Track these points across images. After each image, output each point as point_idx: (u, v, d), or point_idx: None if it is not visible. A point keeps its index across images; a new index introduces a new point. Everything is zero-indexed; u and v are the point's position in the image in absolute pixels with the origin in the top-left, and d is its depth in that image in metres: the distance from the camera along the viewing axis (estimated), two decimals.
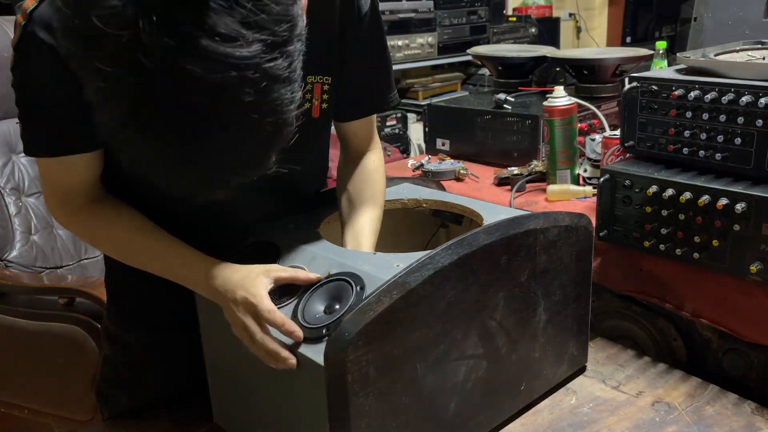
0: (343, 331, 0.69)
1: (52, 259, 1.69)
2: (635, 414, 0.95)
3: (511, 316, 0.87)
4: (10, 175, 1.69)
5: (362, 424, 0.72)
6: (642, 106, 1.13)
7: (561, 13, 4.96)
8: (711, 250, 1.04)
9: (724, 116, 1.03)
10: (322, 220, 0.98)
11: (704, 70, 1.09)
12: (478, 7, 4.17)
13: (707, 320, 1.11)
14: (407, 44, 3.81)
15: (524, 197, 1.46)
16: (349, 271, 0.78)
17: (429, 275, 0.74)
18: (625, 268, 1.19)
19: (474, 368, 0.84)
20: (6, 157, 1.70)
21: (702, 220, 1.04)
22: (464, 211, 1.02)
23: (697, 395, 0.99)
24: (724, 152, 1.04)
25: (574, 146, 1.43)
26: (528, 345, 0.92)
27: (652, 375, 1.05)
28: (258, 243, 0.91)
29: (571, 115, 1.41)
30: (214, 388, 0.95)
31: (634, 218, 1.13)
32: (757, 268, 0.99)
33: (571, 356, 1.01)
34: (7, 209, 1.65)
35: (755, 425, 0.92)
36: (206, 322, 0.92)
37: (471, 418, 0.86)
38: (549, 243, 0.90)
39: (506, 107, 1.68)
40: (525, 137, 1.63)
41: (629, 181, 1.12)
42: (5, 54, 1.72)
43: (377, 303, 0.70)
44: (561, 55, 1.95)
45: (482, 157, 1.73)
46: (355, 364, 0.69)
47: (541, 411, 0.96)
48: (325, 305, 0.77)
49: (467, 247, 0.78)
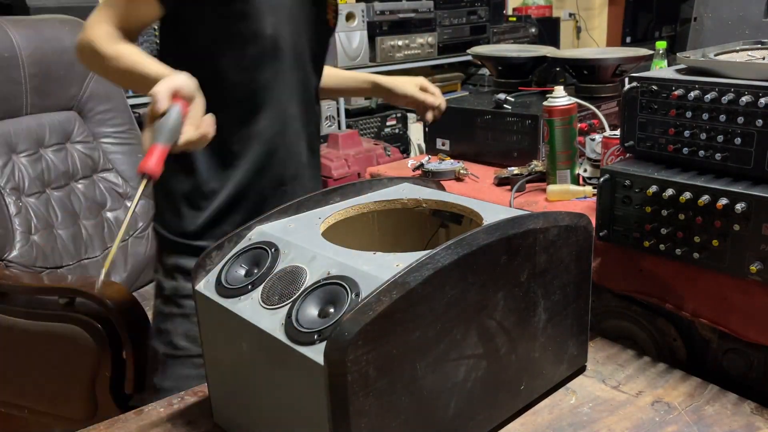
0: (343, 331, 0.69)
1: (52, 259, 1.70)
2: (635, 414, 0.95)
3: (510, 316, 0.87)
4: (10, 175, 1.69)
5: (362, 423, 0.72)
6: (642, 106, 1.13)
7: (561, 13, 4.97)
8: (711, 250, 1.04)
9: (724, 116, 1.03)
10: (322, 220, 0.98)
11: (704, 70, 1.09)
12: (478, 7, 4.17)
13: (707, 320, 1.11)
14: (407, 44, 3.81)
15: (524, 197, 1.46)
16: (348, 274, 0.78)
17: (429, 275, 0.74)
18: (625, 268, 1.19)
19: (474, 368, 0.84)
20: (6, 157, 1.70)
21: (702, 220, 1.04)
22: (464, 211, 1.02)
23: (696, 395, 0.99)
24: (724, 152, 1.04)
25: (574, 146, 1.43)
26: (528, 345, 0.92)
27: (651, 375, 1.05)
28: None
29: (571, 115, 1.41)
30: (214, 388, 0.95)
31: (634, 218, 1.13)
32: (757, 268, 0.99)
33: (570, 356, 1.01)
34: (7, 209, 1.65)
35: (755, 425, 0.92)
36: (206, 323, 0.92)
37: (471, 418, 0.86)
38: (549, 243, 0.90)
39: (506, 107, 1.68)
40: (525, 137, 1.63)
41: (629, 181, 1.12)
42: (5, 54, 1.73)
43: (377, 303, 0.70)
44: (561, 55, 1.95)
45: (482, 157, 1.74)
46: (355, 363, 0.69)
47: (541, 411, 0.96)
48: (319, 308, 0.77)
49: (467, 246, 0.78)
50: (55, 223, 1.75)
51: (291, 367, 0.76)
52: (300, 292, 0.79)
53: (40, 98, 1.80)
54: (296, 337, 0.75)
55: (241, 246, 0.92)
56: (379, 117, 3.79)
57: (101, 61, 1.07)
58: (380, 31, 3.68)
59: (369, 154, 3.28)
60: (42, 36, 1.83)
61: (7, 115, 1.73)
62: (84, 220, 1.83)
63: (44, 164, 1.78)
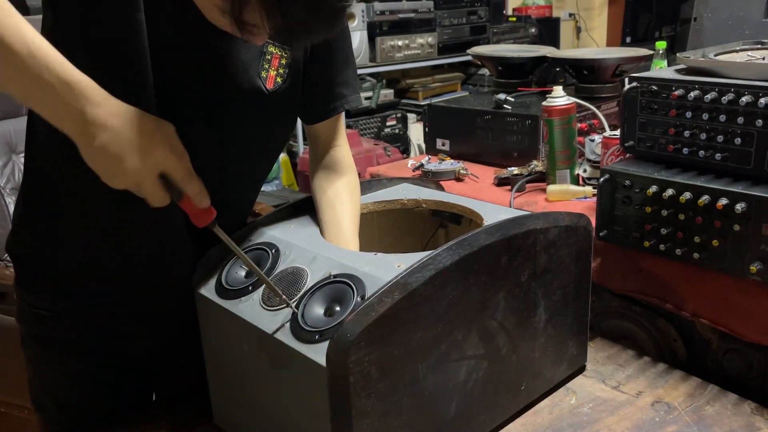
0: (345, 332, 0.69)
1: None
2: (635, 414, 0.95)
3: (511, 316, 0.87)
4: (10, 175, 1.69)
5: (364, 424, 0.72)
6: (642, 106, 1.13)
7: (561, 13, 4.97)
8: (711, 250, 1.04)
9: (724, 116, 1.03)
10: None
11: (704, 70, 1.09)
12: (478, 7, 4.17)
13: (707, 320, 1.11)
14: (407, 44, 3.81)
15: (524, 197, 1.46)
16: (351, 273, 0.79)
17: (430, 276, 0.74)
18: (625, 268, 1.19)
19: (475, 368, 0.84)
20: (6, 157, 1.70)
21: (702, 220, 1.04)
22: (464, 211, 1.02)
23: (697, 395, 0.99)
24: (724, 152, 1.04)
25: (574, 146, 1.43)
26: (528, 345, 0.92)
27: (651, 375, 1.05)
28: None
29: (570, 115, 1.41)
30: (214, 388, 0.95)
31: (634, 218, 1.13)
32: (757, 268, 0.99)
33: (570, 356, 1.02)
34: (8, 209, 1.65)
35: (755, 425, 0.92)
36: (207, 324, 0.92)
37: (472, 418, 0.86)
38: (549, 243, 0.90)
39: (506, 107, 1.68)
40: (525, 137, 1.63)
41: (629, 181, 1.12)
42: None
43: (379, 304, 0.70)
44: (561, 55, 1.95)
45: (482, 157, 1.74)
46: (357, 364, 0.69)
47: (541, 411, 0.96)
48: (325, 307, 0.77)
49: (468, 247, 0.78)
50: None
51: (292, 369, 0.76)
52: (307, 289, 0.79)
53: None
54: (299, 334, 0.75)
55: (242, 247, 0.92)
56: (379, 117, 3.80)
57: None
58: (380, 31, 3.68)
59: (369, 155, 3.28)
60: None
61: (7, 115, 1.73)
62: None
63: None
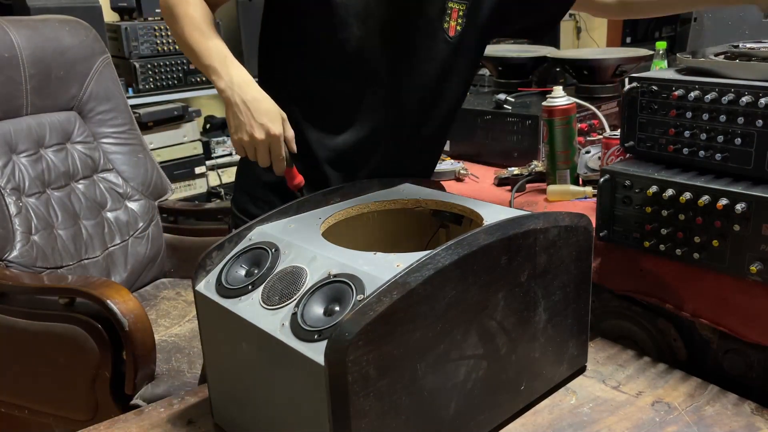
0: (344, 331, 0.69)
1: (53, 259, 1.70)
2: (635, 414, 0.95)
3: (511, 316, 0.87)
4: (11, 175, 1.69)
5: (363, 423, 0.72)
6: (642, 107, 1.13)
7: None
8: (711, 250, 1.04)
9: (724, 116, 1.03)
10: (322, 220, 0.98)
11: (704, 71, 1.09)
12: None
13: (707, 320, 1.11)
14: None
15: (524, 197, 1.46)
16: (351, 273, 0.78)
17: (429, 275, 0.74)
18: (625, 268, 1.19)
19: (474, 368, 0.84)
20: (6, 157, 1.70)
21: (702, 220, 1.04)
22: (464, 211, 1.02)
23: (697, 395, 0.99)
24: (724, 152, 1.04)
25: (574, 146, 1.43)
26: (528, 345, 0.92)
27: (652, 375, 1.05)
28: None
29: (570, 115, 1.41)
30: (214, 388, 0.95)
31: (634, 218, 1.13)
32: (757, 269, 0.99)
33: (570, 356, 1.02)
34: (8, 209, 1.65)
35: (755, 425, 0.92)
36: (206, 323, 0.92)
37: (471, 418, 0.86)
38: (549, 243, 0.90)
39: (506, 107, 1.68)
40: (525, 137, 1.63)
41: (629, 182, 1.12)
42: (6, 54, 1.73)
43: (378, 303, 0.70)
44: (561, 55, 1.95)
45: (482, 157, 1.74)
46: (355, 364, 0.69)
47: (541, 411, 0.96)
48: (324, 307, 0.77)
49: (467, 247, 0.78)
50: (56, 224, 1.75)
51: (291, 368, 0.76)
52: (306, 289, 0.79)
53: (41, 98, 1.80)
54: (298, 333, 0.75)
55: (242, 246, 0.92)
56: None
57: (173, 22, 1.06)
58: None
59: None
60: (42, 36, 1.83)
61: (7, 115, 1.73)
62: (84, 220, 1.82)
63: (44, 164, 1.77)
